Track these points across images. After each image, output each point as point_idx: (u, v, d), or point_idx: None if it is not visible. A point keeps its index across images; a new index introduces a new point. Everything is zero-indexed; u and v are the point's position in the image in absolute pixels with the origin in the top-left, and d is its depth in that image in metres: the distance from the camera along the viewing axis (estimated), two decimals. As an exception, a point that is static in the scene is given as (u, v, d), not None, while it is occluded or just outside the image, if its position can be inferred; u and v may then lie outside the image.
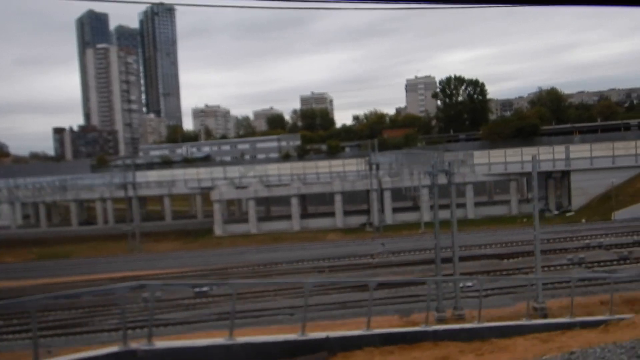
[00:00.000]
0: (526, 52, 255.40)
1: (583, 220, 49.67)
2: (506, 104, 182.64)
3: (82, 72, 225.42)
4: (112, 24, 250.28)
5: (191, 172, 66.95)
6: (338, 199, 57.02)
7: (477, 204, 57.97)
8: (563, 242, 36.49)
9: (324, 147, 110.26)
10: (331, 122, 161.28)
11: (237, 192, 58.04)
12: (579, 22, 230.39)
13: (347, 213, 58.08)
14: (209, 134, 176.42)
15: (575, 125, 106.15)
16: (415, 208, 57.56)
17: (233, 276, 33.74)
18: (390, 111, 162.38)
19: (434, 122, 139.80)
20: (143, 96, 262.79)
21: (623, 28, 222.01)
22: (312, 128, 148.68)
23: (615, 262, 30.34)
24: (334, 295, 27.18)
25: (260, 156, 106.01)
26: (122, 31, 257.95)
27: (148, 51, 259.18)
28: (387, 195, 56.81)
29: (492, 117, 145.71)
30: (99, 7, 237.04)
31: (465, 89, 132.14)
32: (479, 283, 23.83)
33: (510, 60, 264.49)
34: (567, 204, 55.31)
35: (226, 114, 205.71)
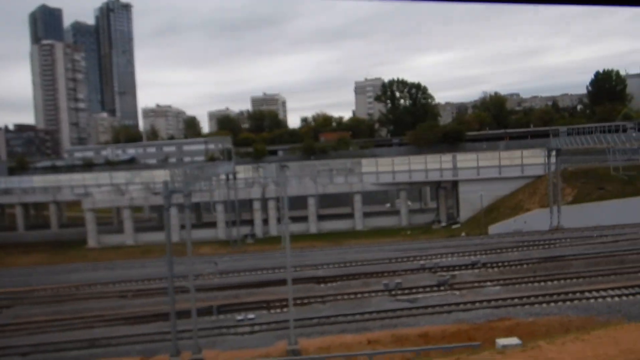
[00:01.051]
0: (497, 55, 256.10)
1: (463, 234, 47.45)
2: (462, 107, 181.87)
3: (32, 70, 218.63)
4: (68, 20, 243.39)
5: (77, 178, 63.11)
6: (220, 209, 53.94)
7: (368, 215, 55.47)
8: (400, 262, 33.93)
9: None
10: (279, 124, 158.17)
11: (112, 200, 54.50)
12: (547, 27, 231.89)
13: (234, 223, 54.94)
14: (155, 135, 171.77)
15: (507, 130, 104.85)
16: (303, 218, 54.78)
17: None
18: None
19: (377, 126, 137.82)
20: (98, 95, 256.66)
21: (589, 33, 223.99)
22: (261, 130, 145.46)
23: (428, 289, 27.82)
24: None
25: (187, 159, 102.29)
26: (78, 27, 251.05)
27: (104, 48, 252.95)
28: (273, 204, 53.89)
29: (442, 121, 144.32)
30: (53, 2, 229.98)
31: (409, 92, 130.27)
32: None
33: (481, 63, 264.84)
34: (457, 215, 53.14)
35: (178, 114, 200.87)
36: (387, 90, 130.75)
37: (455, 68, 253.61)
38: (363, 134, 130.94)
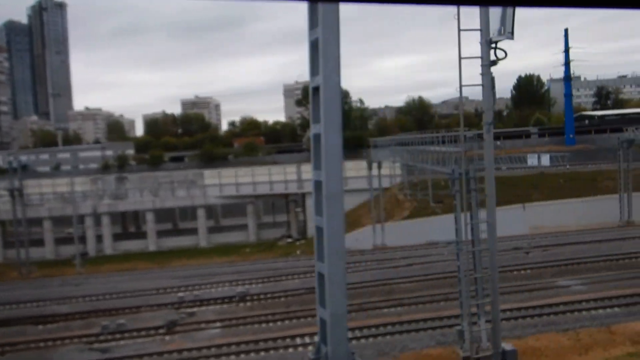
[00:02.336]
0: (454, 60, 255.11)
1: (298, 252, 43.87)
2: (399, 112, 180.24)
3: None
4: (2, 19, 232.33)
5: None
6: (47, 225, 49.02)
7: (217, 230, 51.45)
8: (165, 293, 29.85)
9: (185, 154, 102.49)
10: (207, 128, 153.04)
11: None
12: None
13: (62, 241, 50.09)
14: (79, 139, 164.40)
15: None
16: (141, 234, 50.33)
17: None
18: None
19: (299, 130, 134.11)
20: (31, 97, 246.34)
21: (543, 39, 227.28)
22: (190, 134, 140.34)
23: (153, 331, 23.84)
24: None
25: (82, 167, 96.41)
26: (12, 26, 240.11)
27: (37, 49, 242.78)
28: (107, 220, 49.25)
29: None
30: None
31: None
32: None
33: (443, 67, 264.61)
34: (306, 230, 49.56)
35: (109, 117, 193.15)
36: (307, 93, 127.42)
37: (420, 72, 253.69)
38: (286, 139, 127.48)
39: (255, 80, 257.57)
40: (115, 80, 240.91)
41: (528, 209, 41.48)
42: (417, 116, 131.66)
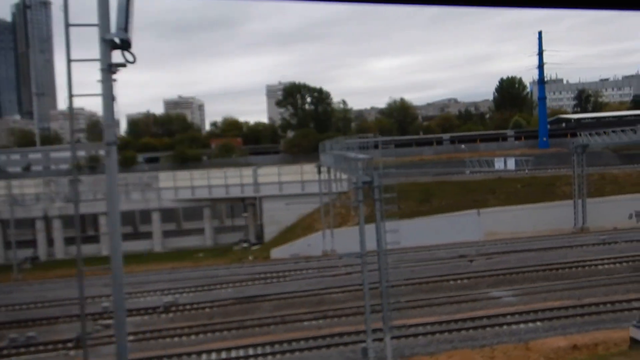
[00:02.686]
0: (452, 60, 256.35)
1: (250, 258, 42.81)
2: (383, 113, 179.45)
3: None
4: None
5: None
6: (-4, 228, 47.65)
7: (174, 234, 50.29)
8: (90, 303, 28.63)
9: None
10: (188, 128, 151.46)
11: None
12: (498, 34, 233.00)
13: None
14: (59, 139, 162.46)
15: (387, 138, 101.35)
16: (97, 239, 49.06)
17: None
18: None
19: (280, 131, 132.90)
20: (15, 96, 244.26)
21: (536, 41, 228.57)
22: (172, 134, 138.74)
23: (61, 344, 22.70)
24: None
25: (54, 167, 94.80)
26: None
27: (20, 47, 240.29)
28: (59, 223, 47.95)
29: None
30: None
31: (311, 97, 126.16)
32: None
33: (434, 68, 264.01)
34: (262, 234, 48.53)
35: (91, 116, 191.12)
36: (289, 95, 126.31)
37: (411, 73, 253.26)
38: (266, 140, 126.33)
39: (245, 80, 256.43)
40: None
41: (483, 215, 40.63)
42: (399, 118, 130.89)
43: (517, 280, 27.25)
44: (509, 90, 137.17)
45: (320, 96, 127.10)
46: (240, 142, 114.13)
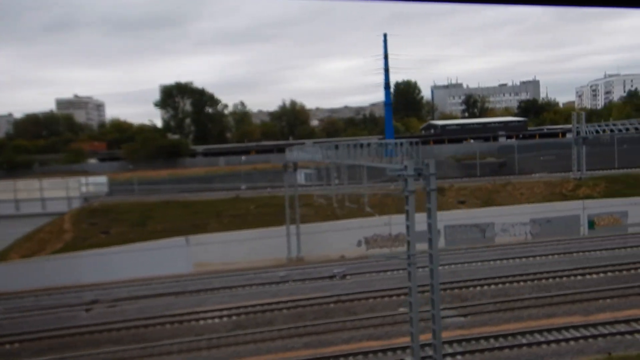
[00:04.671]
0: (402, 62, 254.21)
1: None
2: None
3: None
4: None
5: None
6: None
7: None
8: None
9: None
10: (78, 130, 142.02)
11: None
12: (446, 38, 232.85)
13: None
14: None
15: (249, 144, 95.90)
16: None
17: None
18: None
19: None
20: None
21: (479, 46, 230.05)
22: (59, 135, 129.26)
23: None
24: None
25: None
26: None
27: None
28: None
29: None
30: None
31: (192, 98, 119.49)
32: None
33: (382, 70, 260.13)
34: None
35: (8, 116, 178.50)
36: (168, 96, 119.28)
37: (360, 75, 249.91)
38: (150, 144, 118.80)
39: (194, 80, 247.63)
40: (51, 77, 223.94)
41: (194, 243, 35.08)
42: (289, 121, 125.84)
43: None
44: (405, 95, 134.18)
45: (202, 98, 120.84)
46: (104, 146, 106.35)
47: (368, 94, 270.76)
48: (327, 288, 26.79)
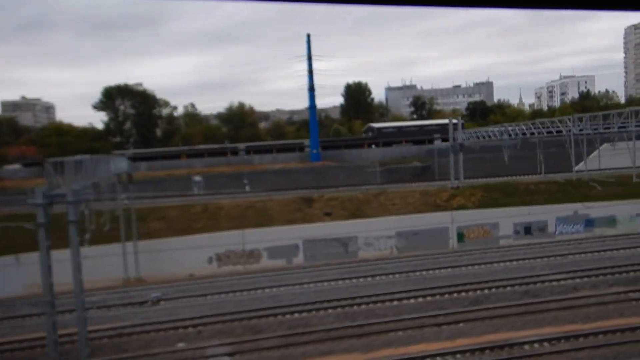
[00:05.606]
0: (373, 65, 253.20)
1: None
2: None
3: None
4: None
5: None
6: None
7: None
8: None
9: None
10: (19, 132, 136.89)
11: None
12: (421, 40, 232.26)
13: None
14: None
15: (182, 148, 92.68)
16: None
17: None
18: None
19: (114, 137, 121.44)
20: None
21: (456, 48, 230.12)
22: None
23: None
24: None
25: None
26: None
27: None
28: None
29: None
30: None
31: (132, 100, 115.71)
32: None
33: (358, 72, 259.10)
34: None
35: None
36: (108, 98, 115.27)
37: (335, 76, 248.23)
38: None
39: (171, 81, 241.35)
40: (22, 77, 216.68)
41: (25, 262, 31.90)
42: (235, 123, 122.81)
43: None
44: (356, 97, 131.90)
45: (143, 100, 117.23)
46: (33, 150, 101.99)
47: (335, 95, 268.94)
48: (128, 317, 23.97)
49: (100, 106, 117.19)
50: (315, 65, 79.51)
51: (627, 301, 21.61)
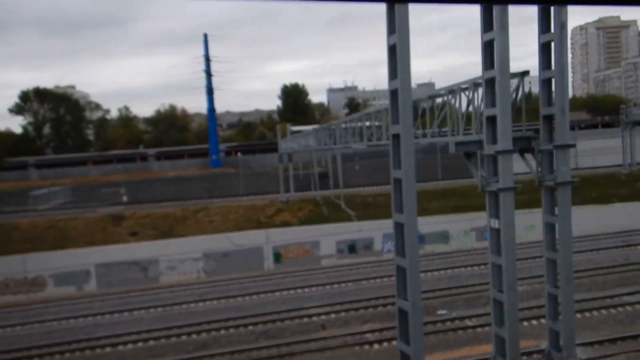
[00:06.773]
0: (345, 66, 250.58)
1: None
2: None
3: None
4: None
5: None
6: None
7: None
8: None
9: None
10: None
11: None
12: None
13: None
14: None
15: (92, 154, 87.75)
16: None
17: None
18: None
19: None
20: None
21: (431, 47, 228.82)
22: None
23: None
24: None
25: None
26: None
27: None
28: None
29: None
30: None
31: (52, 104, 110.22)
32: None
33: (330, 73, 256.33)
34: None
35: None
36: (25, 101, 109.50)
37: (307, 77, 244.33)
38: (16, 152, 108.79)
39: (139, 81, 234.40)
40: None
41: None
42: (162, 127, 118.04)
43: None
44: (294, 98, 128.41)
45: (64, 103, 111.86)
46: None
47: (314, 96, 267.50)
48: None
49: (16, 109, 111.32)
50: (291, 65, 75.09)
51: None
